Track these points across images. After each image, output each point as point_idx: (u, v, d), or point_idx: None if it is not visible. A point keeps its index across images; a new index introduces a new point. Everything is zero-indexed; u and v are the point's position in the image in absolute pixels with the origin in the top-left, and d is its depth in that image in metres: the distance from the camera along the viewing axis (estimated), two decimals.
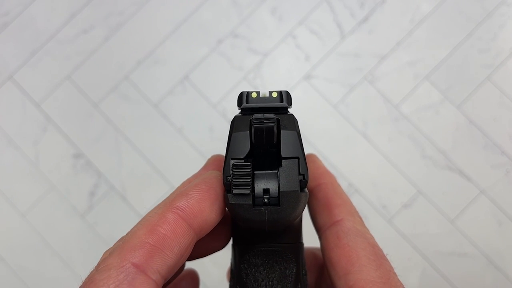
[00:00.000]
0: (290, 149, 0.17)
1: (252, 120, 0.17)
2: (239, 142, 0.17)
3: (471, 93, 0.60)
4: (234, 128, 0.17)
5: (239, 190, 0.16)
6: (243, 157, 0.17)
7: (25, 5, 0.64)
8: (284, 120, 0.17)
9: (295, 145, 0.17)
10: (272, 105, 0.18)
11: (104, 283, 0.17)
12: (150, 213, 0.18)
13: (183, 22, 0.63)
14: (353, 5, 0.62)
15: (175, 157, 0.61)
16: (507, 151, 0.59)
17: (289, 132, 0.17)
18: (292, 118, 0.18)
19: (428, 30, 0.62)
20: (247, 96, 0.18)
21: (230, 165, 0.17)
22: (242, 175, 0.16)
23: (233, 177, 0.16)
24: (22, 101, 0.63)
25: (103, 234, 0.61)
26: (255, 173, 0.17)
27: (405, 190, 0.59)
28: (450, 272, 0.58)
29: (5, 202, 0.62)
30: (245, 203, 0.16)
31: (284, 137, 0.17)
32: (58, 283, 0.61)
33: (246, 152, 0.17)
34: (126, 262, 0.16)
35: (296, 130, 0.17)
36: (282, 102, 0.18)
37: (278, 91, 0.18)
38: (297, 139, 0.17)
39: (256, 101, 0.18)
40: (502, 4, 0.61)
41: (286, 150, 0.17)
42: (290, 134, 0.17)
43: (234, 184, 0.16)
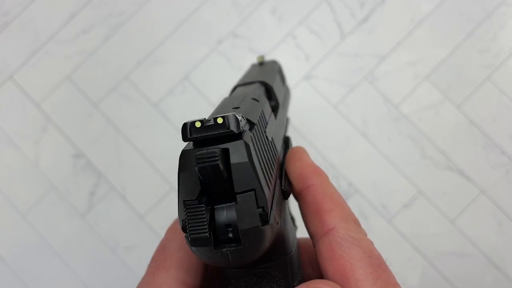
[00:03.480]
0: (243, 182, 0.15)
1: (195, 159, 0.15)
2: (188, 182, 0.16)
3: (471, 93, 0.60)
4: (181, 167, 0.16)
5: (196, 234, 0.15)
6: (195, 198, 0.15)
7: (25, 5, 0.64)
8: (233, 149, 0.15)
9: (248, 175, 0.15)
10: (218, 134, 0.16)
11: None
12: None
13: (183, 22, 0.63)
14: (353, 5, 0.62)
15: (175, 157, 0.61)
16: (507, 151, 0.59)
17: (240, 163, 0.15)
18: (242, 145, 0.16)
19: (428, 30, 0.62)
20: (190, 127, 0.16)
21: (183, 208, 0.15)
22: (196, 218, 0.15)
23: (188, 222, 0.15)
24: (22, 101, 0.63)
25: (103, 234, 0.61)
26: (215, 208, 0.16)
27: (405, 190, 0.59)
28: (450, 272, 0.58)
29: (5, 202, 0.62)
30: (206, 246, 0.15)
31: (235, 169, 0.15)
32: (58, 283, 0.61)
33: (197, 192, 0.15)
34: None
35: (248, 158, 0.15)
36: (229, 128, 0.16)
37: (223, 116, 0.16)
38: (250, 168, 0.15)
39: (200, 132, 0.16)
40: (502, 4, 0.61)
41: (239, 184, 0.15)
42: (241, 165, 0.15)
43: (189, 229, 0.15)
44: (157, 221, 0.61)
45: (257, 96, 0.23)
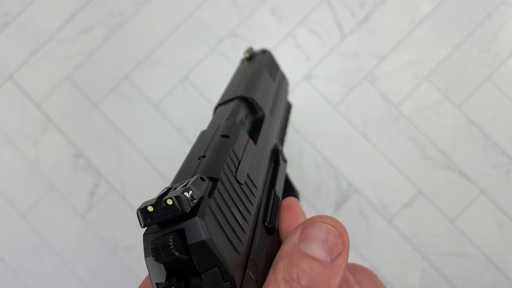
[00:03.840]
0: (204, 261, 0.15)
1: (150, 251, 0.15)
2: (155, 266, 0.15)
3: (471, 93, 0.60)
4: (145, 251, 0.15)
5: None
6: (165, 280, 0.15)
7: (25, 5, 0.64)
8: (189, 228, 0.15)
9: (209, 254, 0.15)
10: (171, 216, 0.15)
11: None
12: None
13: (183, 22, 0.63)
14: (353, 5, 0.62)
15: (175, 157, 0.61)
16: (507, 151, 0.59)
17: (197, 243, 0.15)
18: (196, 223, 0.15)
19: (428, 30, 0.62)
20: (143, 214, 0.15)
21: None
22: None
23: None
24: (22, 101, 0.63)
25: (103, 234, 0.61)
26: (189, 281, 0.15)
27: (405, 190, 0.59)
28: (450, 272, 0.58)
29: (5, 202, 0.62)
30: None
31: (194, 249, 0.15)
32: (58, 283, 0.61)
33: (167, 278, 0.15)
34: None
35: (204, 236, 0.15)
36: (180, 209, 0.15)
37: (172, 197, 0.15)
38: (209, 247, 0.15)
39: (154, 217, 0.15)
40: (502, 4, 0.61)
41: (200, 263, 0.15)
42: (199, 245, 0.15)
43: None
44: None
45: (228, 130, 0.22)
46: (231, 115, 0.26)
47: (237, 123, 0.24)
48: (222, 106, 0.28)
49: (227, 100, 0.29)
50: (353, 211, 0.59)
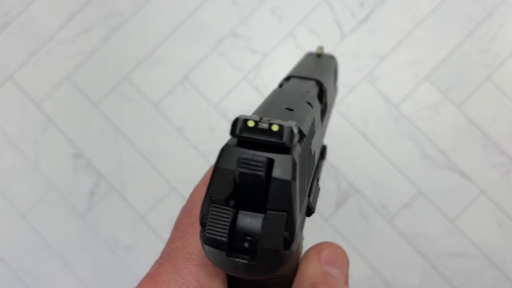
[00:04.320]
0: (279, 200, 0.14)
1: (238, 160, 0.14)
2: (222, 179, 0.15)
3: (471, 93, 0.60)
4: (220, 161, 0.15)
5: (213, 235, 0.14)
6: (224, 198, 0.15)
7: (25, 5, 0.64)
8: (279, 162, 0.14)
9: (286, 195, 0.14)
10: (269, 141, 0.15)
11: None
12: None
13: (183, 22, 0.63)
14: (353, 5, 0.62)
15: (175, 157, 0.61)
16: (507, 151, 0.59)
17: (282, 180, 0.14)
18: (289, 161, 0.14)
19: (428, 30, 0.62)
20: (242, 124, 0.15)
21: (208, 203, 0.15)
22: (219, 220, 0.14)
23: (209, 220, 0.14)
24: (22, 101, 0.63)
25: (103, 234, 0.61)
26: (239, 212, 0.15)
27: (405, 190, 0.59)
28: (450, 272, 0.58)
29: (5, 202, 0.62)
30: (219, 249, 0.15)
31: (275, 184, 0.14)
32: (58, 283, 0.61)
33: (228, 193, 0.15)
34: None
35: (292, 177, 0.14)
36: (281, 139, 0.14)
37: (279, 124, 0.15)
38: (290, 189, 0.14)
39: (251, 132, 0.15)
40: (502, 4, 0.61)
41: (274, 200, 0.14)
42: (282, 182, 0.14)
43: (208, 228, 0.14)
44: (157, 221, 0.61)
45: (311, 100, 0.22)
46: (311, 91, 0.25)
47: (316, 99, 0.24)
48: (297, 79, 0.28)
49: (304, 77, 0.28)
50: (353, 211, 0.59)
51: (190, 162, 0.61)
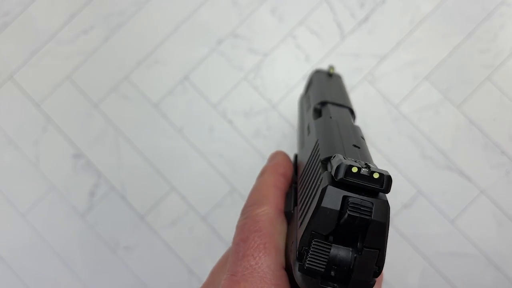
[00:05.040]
0: (374, 239, 0.16)
1: (348, 203, 0.16)
2: (325, 217, 0.16)
3: (471, 93, 0.60)
4: (324, 201, 0.16)
5: (313, 266, 0.16)
6: (325, 234, 0.16)
7: (25, 5, 0.64)
8: (377, 206, 0.16)
9: (381, 236, 0.16)
10: (371, 187, 0.17)
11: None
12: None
13: (183, 22, 0.63)
14: (353, 5, 0.62)
15: (175, 157, 0.61)
16: (507, 151, 0.59)
17: (378, 223, 0.16)
18: (385, 206, 0.17)
19: (428, 30, 0.62)
20: (346, 170, 0.17)
21: (309, 237, 0.16)
22: (320, 254, 0.16)
23: (311, 253, 0.16)
24: (22, 101, 0.63)
25: (103, 234, 0.61)
26: (335, 246, 0.17)
27: (405, 190, 0.59)
28: (450, 272, 0.58)
29: (5, 202, 0.62)
30: (314, 279, 0.16)
31: (373, 225, 0.16)
32: (58, 283, 0.61)
33: (330, 230, 0.16)
34: None
35: (387, 221, 0.17)
36: (382, 187, 0.17)
37: (379, 173, 0.17)
38: (385, 230, 0.17)
39: (354, 177, 0.17)
40: (502, 4, 0.61)
41: (370, 239, 0.16)
42: (379, 225, 0.16)
43: (309, 259, 0.16)
44: (157, 221, 0.61)
45: (362, 134, 0.24)
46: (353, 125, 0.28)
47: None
48: (333, 106, 0.30)
49: (338, 103, 0.30)
50: None
51: (190, 162, 0.61)
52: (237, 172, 0.61)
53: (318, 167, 0.20)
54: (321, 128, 0.24)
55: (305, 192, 0.21)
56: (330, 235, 0.17)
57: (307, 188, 0.20)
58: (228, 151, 0.61)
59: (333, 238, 0.17)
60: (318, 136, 0.23)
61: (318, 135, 0.23)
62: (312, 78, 0.41)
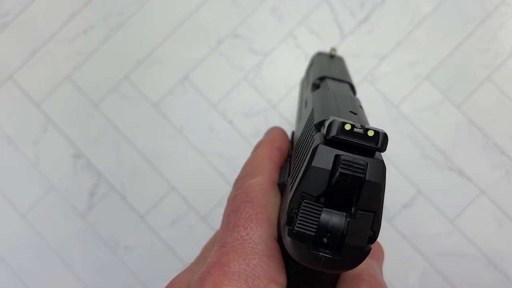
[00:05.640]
0: (369, 202, 0.15)
1: (340, 161, 0.15)
2: (316, 178, 0.15)
3: (471, 93, 0.60)
4: (314, 160, 0.15)
5: (302, 229, 0.15)
6: (316, 195, 0.15)
7: (25, 5, 0.64)
8: (372, 166, 0.15)
9: (376, 197, 0.15)
10: (365, 145, 0.16)
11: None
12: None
13: (183, 22, 0.63)
14: (353, 5, 0.62)
15: (175, 157, 0.61)
16: (507, 151, 0.59)
17: (374, 184, 0.15)
18: (382, 167, 0.16)
19: (428, 30, 0.62)
20: (340, 127, 0.16)
21: (300, 199, 0.15)
22: (310, 216, 0.15)
23: (300, 215, 0.15)
24: (22, 101, 0.63)
25: (103, 234, 0.61)
26: (327, 210, 0.16)
27: (405, 190, 0.59)
28: (450, 272, 0.58)
29: (5, 202, 0.62)
30: (304, 243, 0.15)
31: (367, 186, 0.15)
32: (58, 283, 0.61)
33: (321, 191, 0.15)
34: None
35: (382, 182, 0.15)
36: (377, 145, 0.15)
37: (375, 130, 0.16)
38: (380, 191, 0.15)
39: (347, 135, 0.16)
40: (502, 4, 0.61)
41: (364, 201, 0.15)
42: (374, 186, 0.15)
43: (298, 222, 0.15)
44: (157, 221, 0.61)
45: (361, 105, 0.23)
46: (352, 96, 0.26)
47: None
48: (332, 81, 0.29)
49: (337, 78, 0.29)
50: None
51: (190, 162, 0.61)
52: (237, 172, 0.60)
53: (311, 132, 0.19)
54: (317, 98, 0.23)
55: (298, 159, 0.20)
56: (322, 196, 0.16)
57: (300, 154, 0.19)
58: (228, 151, 0.61)
59: (324, 200, 0.16)
60: (314, 105, 0.22)
61: (314, 104, 0.22)
62: (313, 59, 0.41)
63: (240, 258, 0.17)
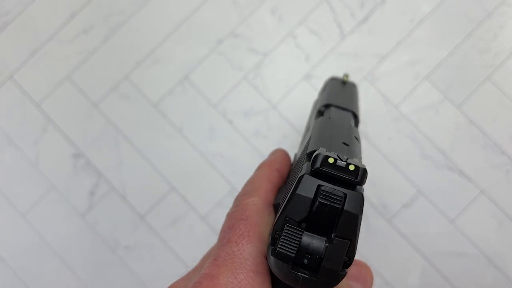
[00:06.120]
0: (345, 230, 0.17)
1: (320, 192, 0.17)
2: (299, 204, 0.17)
3: (471, 93, 0.60)
4: (299, 188, 0.17)
5: (284, 250, 0.17)
6: (298, 220, 0.17)
7: (25, 5, 0.64)
8: (351, 198, 0.17)
9: (352, 227, 0.17)
10: (346, 178, 0.17)
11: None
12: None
13: (183, 22, 0.63)
14: (353, 5, 0.62)
15: (175, 157, 0.61)
16: (507, 151, 0.59)
17: (351, 215, 0.17)
18: (360, 199, 0.17)
19: (428, 30, 0.62)
20: (323, 160, 0.17)
21: (283, 223, 0.17)
22: (291, 239, 0.17)
23: (282, 237, 0.17)
24: (22, 101, 0.63)
25: (103, 234, 0.61)
26: (304, 233, 0.17)
27: (405, 190, 0.59)
28: (450, 272, 0.58)
29: (5, 202, 0.62)
30: (285, 263, 0.17)
31: (345, 216, 0.17)
32: (58, 283, 0.61)
33: (302, 217, 0.17)
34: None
35: (360, 213, 0.17)
36: (356, 178, 0.17)
37: (355, 165, 0.17)
38: (357, 222, 0.17)
39: (330, 168, 0.17)
40: (502, 4, 0.61)
41: (342, 229, 0.17)
42: (351, 217, 0.17)
43: (280, 243, 0.17)
44: (157, 221, 0.61)
45: (357, 134, 0.24)
46: (352, 127, 0.28)
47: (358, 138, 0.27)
48: (336, 109, 0.31)
49: (342, 107, 0.31)
50: None
51: (190, 162, 0.61)
52: (237, 172, 0.61)
53: (303, 160, 0.20)
54: (317, 126, 0.25)
55: (289, 184, 0.21)
56: (303, 222, 0.17)
57: (291, 180, 0.21)
58: (228, 151, 0.61)
59: (305, 225, 0.17)
60: (312, 133, 0.24)
61: (312, 132, 0.24)
62: (326, 84, 0.42)
63: (229, 271, 0.18)
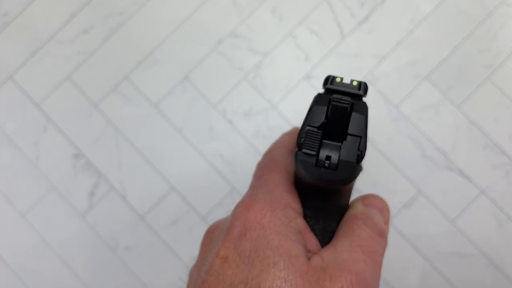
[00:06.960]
0: (356, 128, 0.20)
1: (331, 99, 0.20)
2: (316, 114, 0.21)
3: (471, 93, 0.60)
4: (315, 102, 0.21)
5: (308, 150, 0.20)
6: (316, 126, 0.21)
7: (25, 5, 0.64)
8: (357, 105, 0.21)
9: (361, 126, 0.20)
10: (350, 91, 0.21)
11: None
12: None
13: (183, 22, 0.63)
14: (353, 5, 0.62)
15: (175, 157, 0.61)
16: (507, 151, 0.59)
17: (359, 115, 0.20)
18: (364, 105, 0.21)
19: (428, 30, 0.62)
20: (332, 80, 0.22)
21: (305, 129, 0.21)
22: (312, 139, 0.20)
23: (305, 140, 0.20)
24: (22, 101, 0.63)
25: (103, 234, 0.61)
26: (323, 141, 0.20)
27: (405, 190, 0.59)
28: (450, 272, 0.58)
29: (5, 202, 0.62)
30: (310, 161, 0.20)
31: (354, 118, 0.20)
32: (58, 283, 0.61)
33: (320, 123, 0.21)
34: None
35: (365, 115, 0.20)
36: (359, 90, 0.21)
37: (358, 81, 0.21)
38: (364, 123, 0.20)
39: (338, 85, 0.21)
40: (502, 4, 0.61)
41: (352, 128, 0.20)
42: (359, 117, 0.20)
43: (304, 145, 0.20)
44: (157, 221, 0.61)
45: None
46: None
47: None
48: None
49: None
50: None
51: (190, 162, 0.61)
52: (237, 172, 0.61)
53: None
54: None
55: None
56: (321, 128, 0.21)
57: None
58: (228, 151, 0.61)
59: (324, 131, 0.21)
60: None
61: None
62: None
63: (265, 190, 0.22)
